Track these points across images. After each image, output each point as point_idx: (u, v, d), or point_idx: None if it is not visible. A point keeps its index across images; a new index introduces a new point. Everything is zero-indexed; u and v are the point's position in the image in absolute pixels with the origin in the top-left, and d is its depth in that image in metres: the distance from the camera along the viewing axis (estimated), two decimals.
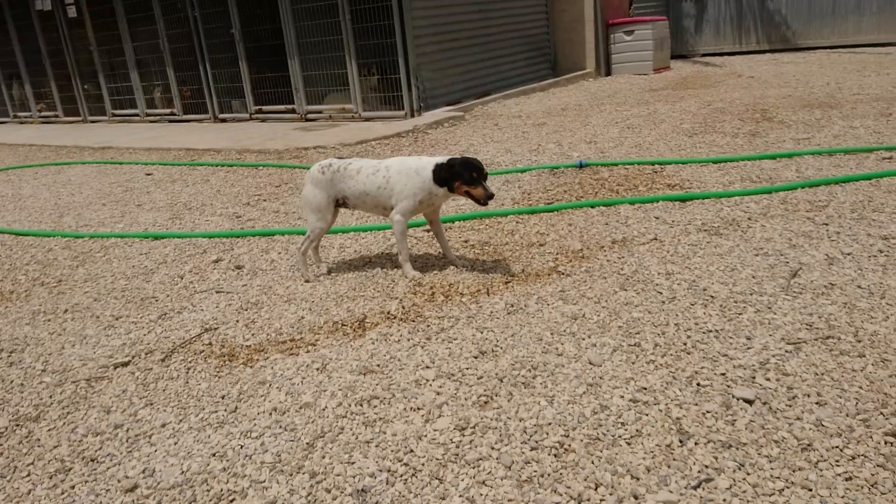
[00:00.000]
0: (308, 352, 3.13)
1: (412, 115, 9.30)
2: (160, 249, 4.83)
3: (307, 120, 10.25)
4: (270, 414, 2.65)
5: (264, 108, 10.80)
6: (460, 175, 3.53)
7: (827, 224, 3.96)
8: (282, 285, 3.96)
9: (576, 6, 11.94)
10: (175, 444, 2.53)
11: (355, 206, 3.90)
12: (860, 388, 2.42)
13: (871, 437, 2.16)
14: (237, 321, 3.55)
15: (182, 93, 11.67)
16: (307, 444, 2.43)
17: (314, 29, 9.86)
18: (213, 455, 2.43)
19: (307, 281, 3.94)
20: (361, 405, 2.62)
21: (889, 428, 2.18)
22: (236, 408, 2.72)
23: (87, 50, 12.65)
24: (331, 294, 3.75)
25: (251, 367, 3.04)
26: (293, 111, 10.43)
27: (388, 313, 3.43)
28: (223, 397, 2.81)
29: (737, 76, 10.48)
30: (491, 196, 3.50)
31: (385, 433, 2.44)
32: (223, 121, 11.24)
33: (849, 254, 3.53)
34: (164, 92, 11.99)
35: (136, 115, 12.46)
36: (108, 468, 2.44)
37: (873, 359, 2.58)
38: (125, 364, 3.20)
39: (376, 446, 2.37)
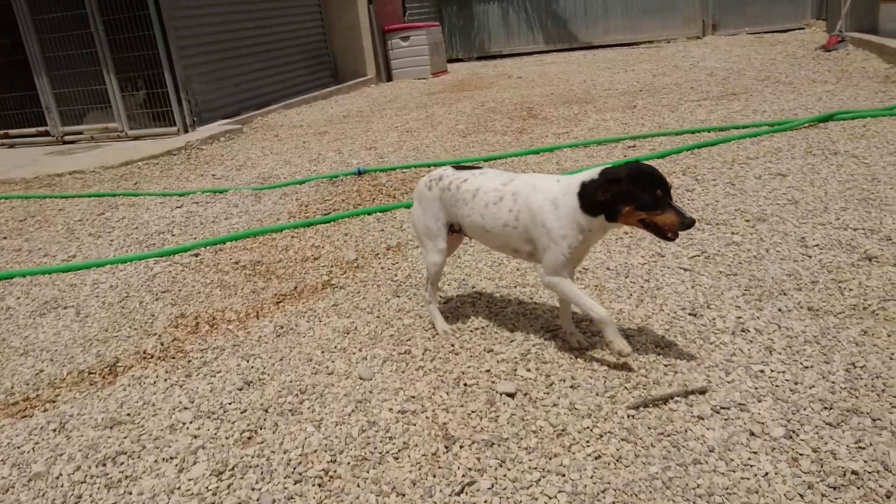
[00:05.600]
0: (45, 411, 2.72)
1: (185, 131, 8.70)
2: None
3: (65, 143, 9.21)
4: None
5: (11, 131, 9.54)
6: (633, 196, 2.29)
7: None
8: (18, 335, 3.44)
9: (350, 13, 11.94)
10: None
11: (475, 239, 2.85)
12: (608, 366, 2.57)
13: (616, 413, 2.28)
14: None
15: None
16: None
17: (63, 42, 8.86)
18: None
19: (444, 332, 2.93)
20: (104, 465, 2.31)
21: (631, 402, 2.33)
22: None
23: None
24: (78, 339, 3.32)
25: None
26: (47, 133, 9.32)
27: (145, 353, 3.09)
28: None
29: (507, 77, 11.09)
30: (690, 224, 2.27)
31: (131, 493, 2.16)
32: None
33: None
34: None
35: None
36: None
37: None
38: None
39: None
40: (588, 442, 2.16)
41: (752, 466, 1.98)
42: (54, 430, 2.55)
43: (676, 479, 1.96)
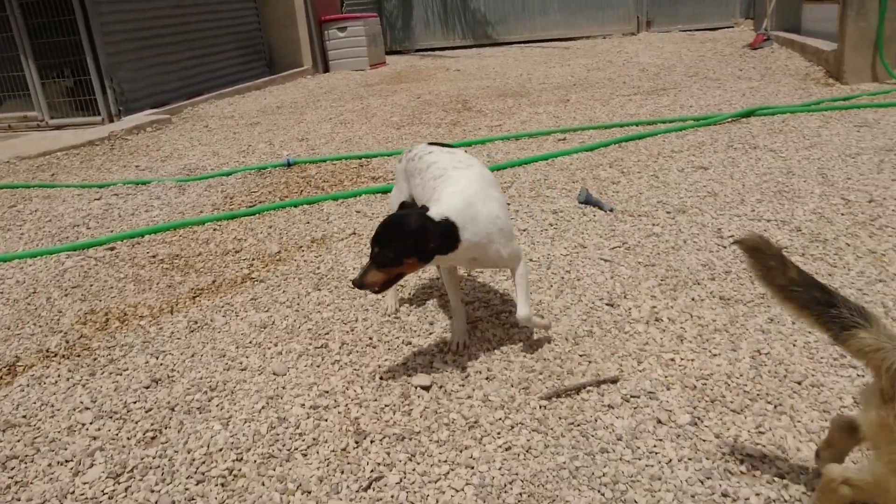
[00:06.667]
0: None
1: (110, 121, 8.37)
2: None
3: None
4: None
5: None
6: None
7: (509, 203, 4.24)
8: None
9: (286, 2, 11.69)
10: None
11: None
12: (524, 357, 2.56)
13: (528, 404, 2.28)
14: None
15: None
16: None
17: None
18: None
19: (387, 310, 2.96)
20: None
21: (544, 392, 2.33)
22: None
23: None
24: None
25: None
26: None
27: (48, 351, 2.94)
28: None
29: (445, 70, 11.06)
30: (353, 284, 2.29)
31: (20, 500, 2.05)
32: None
33: (524, 230, 3.80)
34: None
35: None
36: None
37: None
38: None
39: None
40: (499, 433, 2.15)
41: (656, 454, 2.01)
42: None
43: (583, 469, 1.97)
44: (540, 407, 2.26)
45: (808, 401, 2.17)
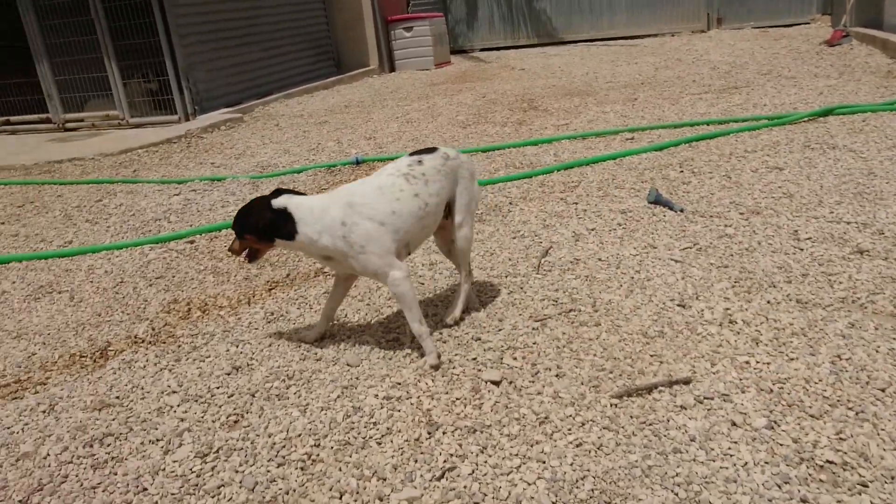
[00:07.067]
0: (36, 392, 2.74)
1: (186, 119, 8.71)
2: None
3: (66, 129, 9.23)
4: None
5: (12, 118, 9.56)
6: None
7: (576, 203, 4.24)
8: (13, 319, 3.46)
9: (353, 3, 11.91)
10: None
11: None
12: (594, 355, 2.57)
13: (599, 402, 2.29)
14: None
15: None
16: (19, 502, 2.10)
17: (64, 28, 8.87)
18: None
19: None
20: (92, 446, 2.33)
21: (615, 391, 2.34)
22: None
23: None
24: (70, 323, 3.34)
25: None
26: (48, 120, 9.33)
27: (136, 337, 3.11)
28: None
29: (510, 69, 11.06)
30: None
31: (116, 474, 2.18)
32: None
33: (593, 229, 3.79)
34: None
35: None
36: None
37: (607, 326, 2.77)
38: None
39: (104, 491, 2.11)
40: (570, 430, 2.17)
41: (731, 456, 1.99)
42: (44, 412, 2.57)
43: (656, 468, 1.97)
44: (611, 405, 2.27)
45: (892, 408, 2.11)
